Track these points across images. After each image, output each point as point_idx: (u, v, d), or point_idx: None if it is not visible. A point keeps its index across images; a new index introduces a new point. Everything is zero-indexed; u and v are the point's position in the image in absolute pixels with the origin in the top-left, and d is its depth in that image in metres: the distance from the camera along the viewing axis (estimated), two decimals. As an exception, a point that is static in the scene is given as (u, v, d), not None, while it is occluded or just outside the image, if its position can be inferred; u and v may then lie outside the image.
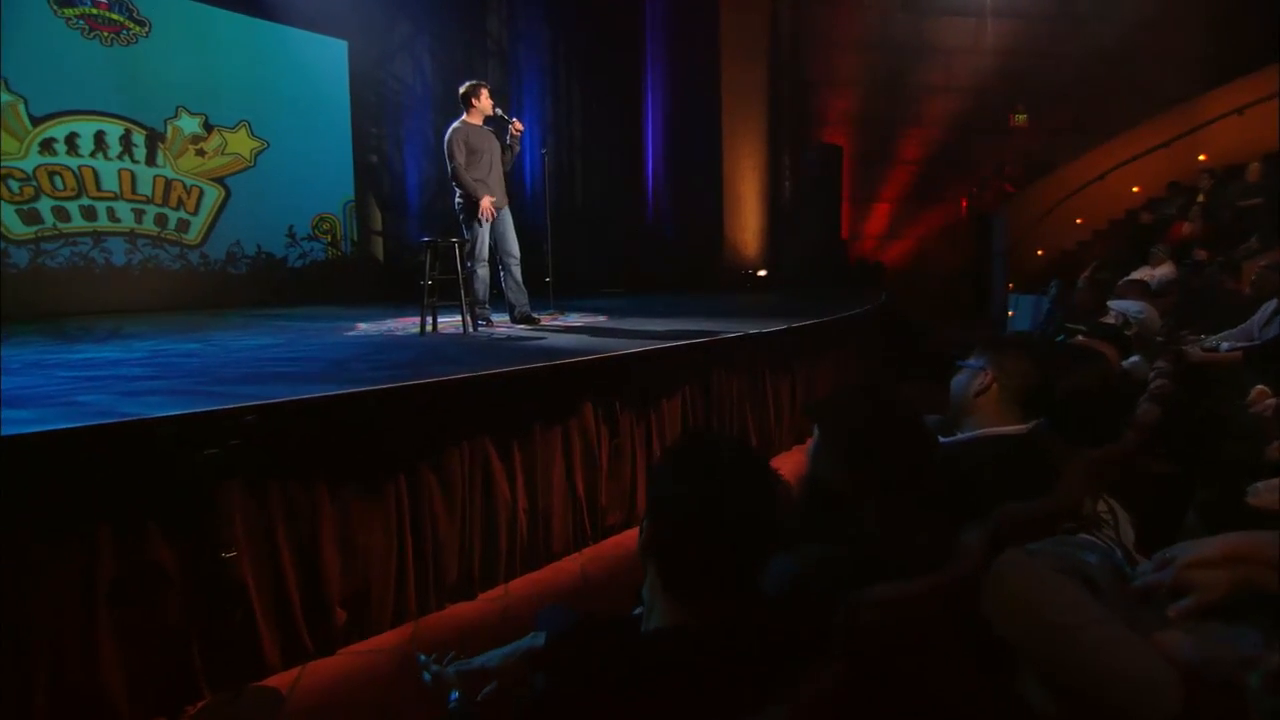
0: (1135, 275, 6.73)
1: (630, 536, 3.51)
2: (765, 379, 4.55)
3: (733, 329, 4.46)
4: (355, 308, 7.95)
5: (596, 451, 3.35)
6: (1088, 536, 1.44)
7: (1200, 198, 7.92)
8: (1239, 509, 1.77)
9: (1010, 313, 8.25)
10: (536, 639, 1.40)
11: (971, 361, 1.78)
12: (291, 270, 9.25)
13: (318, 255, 9.47)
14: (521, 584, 2.99)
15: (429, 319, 4.52)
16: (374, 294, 9.42)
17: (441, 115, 9.60)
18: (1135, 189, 9.25)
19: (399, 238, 9.96)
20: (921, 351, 7.70)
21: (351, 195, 9.66)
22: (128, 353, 3.88)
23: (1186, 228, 7.47)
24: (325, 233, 9.53)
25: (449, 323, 4.82)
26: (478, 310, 4.80)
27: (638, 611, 1.61)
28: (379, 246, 9.98)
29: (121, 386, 2.59)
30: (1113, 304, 3.45)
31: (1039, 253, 9.29)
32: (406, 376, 2.73)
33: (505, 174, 4.90)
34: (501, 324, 5.13)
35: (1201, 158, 8.77)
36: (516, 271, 4.93)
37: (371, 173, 9.79)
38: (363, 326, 5.22)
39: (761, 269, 9.77)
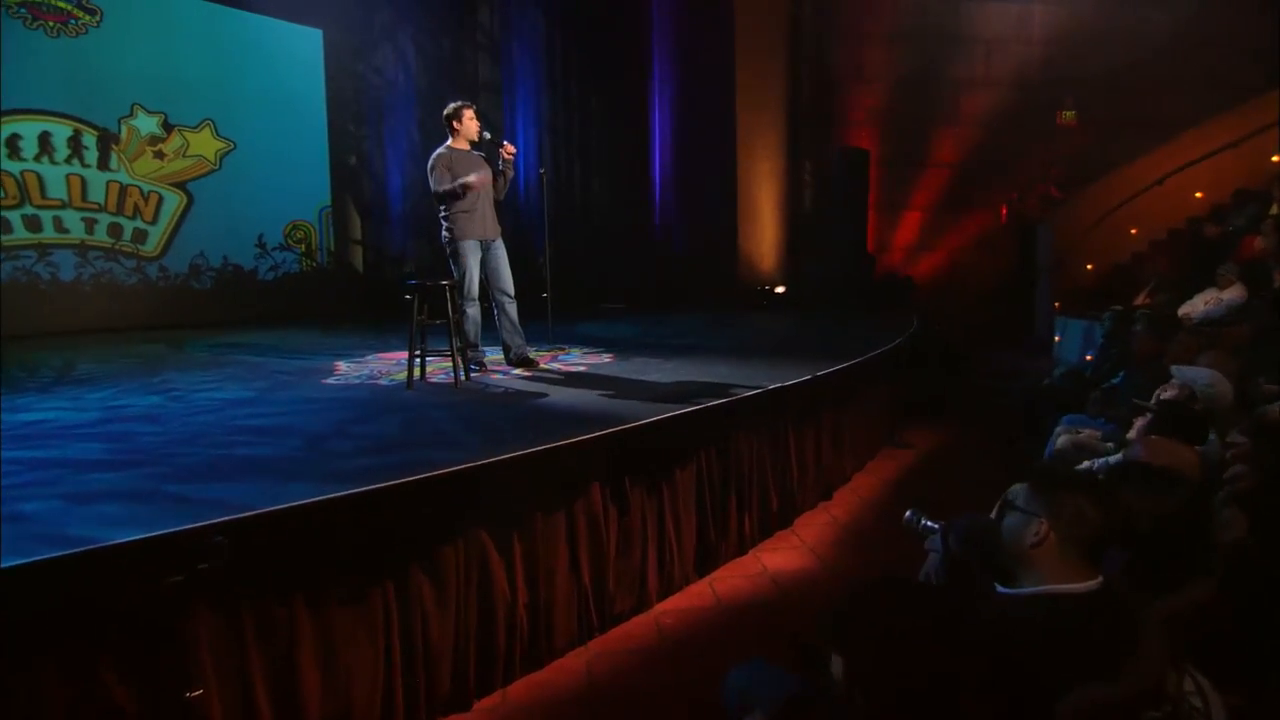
0: (1200, 298, 6.64)
1: (639, 624, 3.46)
2: (788, 433, 4.50)
3: (751, 378, 4.41)
4: (333, 328, 7.91)
5: (604, 534, 3.30)
6: (1176, 736, 1.39)
7: (1274, 208, 7.79)
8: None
9: (1057, 337, 8.19)
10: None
11: (1021, 502, 1.72)
12: (261, 284, 9.22)
13: (291, 267, 9.44)
14: (521, 689, 2.94)
15: (416, 366, 4.47)
16: (353, 310, 9.38)
17: (427, 112, 9.57)
18: (1198, 194, 9.17)
19: (380, 247, 9.92)
20: (959, 382, 7.66)
21: (328, 200, 9.63)
22: (77, 411, 3.83)
23: (1259, 243, 7.32)
24: (299, 242, 9.49)
25: (438, 363, 4.78)
26: (469, 354, 4.75)
27: None
28: (358, 257, 9.94)
29: (70, 481, 2.55)
30: (1177, 371, 3.34)
31: (1088, 267, 9.21)
32: (394, 465, 2.68)
33: (498, 202, 4.86)
34: (495, 364, 5.10)
35: (1276, 159, 8.66)
36: (512, 310, 4.89)
37: (350, 175, 9.74)
38: (343, 368, 5.18)
39: (779, 285, 9.73)
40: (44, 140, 7.68)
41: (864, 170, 10.15)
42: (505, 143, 4.74)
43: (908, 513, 3.29)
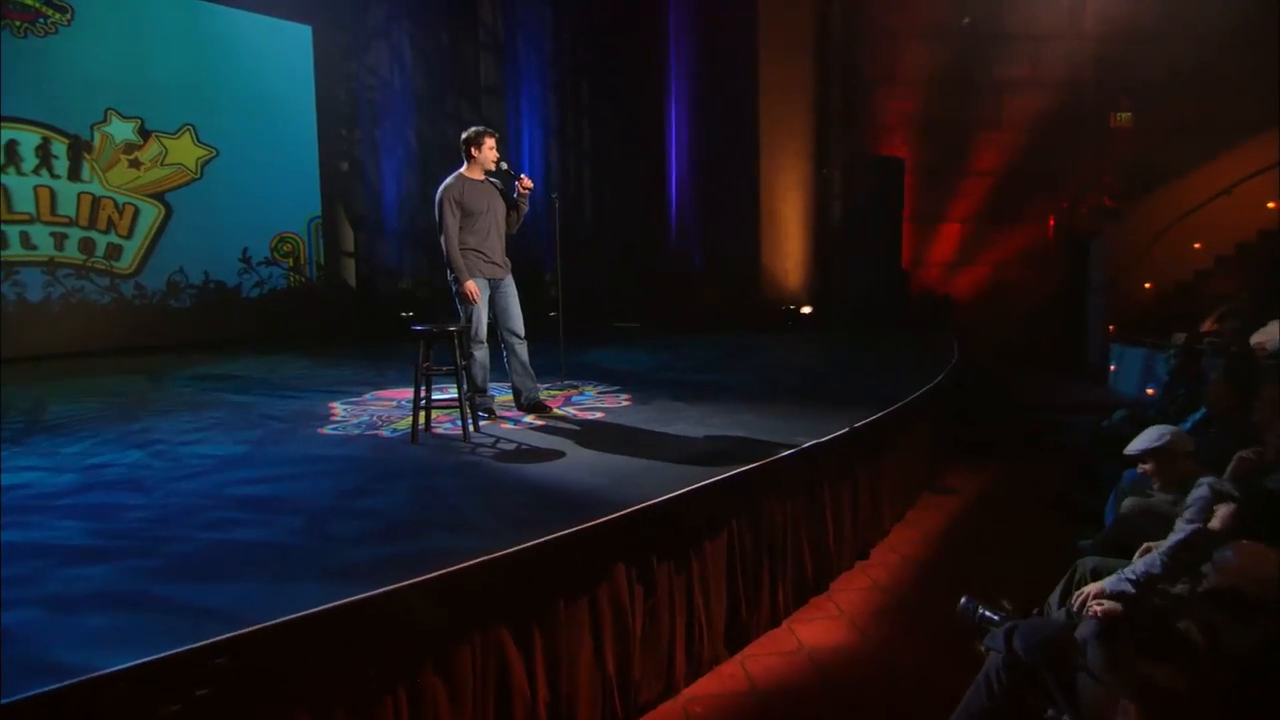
0: (1276, 325, 6.52)
1: (666, 713, 3.43)
2: (824, 492, 4.48)
3: (783, 428, 4.41)
4: (324, 354, 7.93)
5: (629, 618, 3.28)
6: None
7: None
8: None
9: (1112, 367, 8.12)
10: None
11: (1101, 669, 1.68)
12: (246, 302, 9.26)
13: (277, 283, 9.47)
14: (539, 796, 2.92)
15: (421, 415, 4.45)
16: (345, 329, 9.41)
17: (424, 115, 9.61)
18: (1270, 204, 9.07)
19: (374, 261, 9.95)
20: (1004, 415, 7.61)
21: (318, 211, 9.66)
22: (54, 472, 3.82)
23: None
24: (286, 256, 9.53)
25: (443, 410, 4.76)
26: (478, 399, 4.74)
27: None
28: (351, 271, 9.98)
29: (53, 580, 2.51)
30: (1132, 449, 3.31)
31: (1146, 285, 9.14)
32: (406, 557, 2.67)
33: (510, 235, 4.86)
34: (504, 405, 5.10)
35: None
36: (523, 352, 4.88)
37: (341, 184, 9.78)
38: (339, 411, 5.18)
39: (805, 304, 9.73)
40: (10, 149, 7.73)
41: (898, 179, 10.13)
42: (523, 176, 4.73)
43: (963, 600, 3.26)
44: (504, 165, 4.71)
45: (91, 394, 6.02)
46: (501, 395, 5.22)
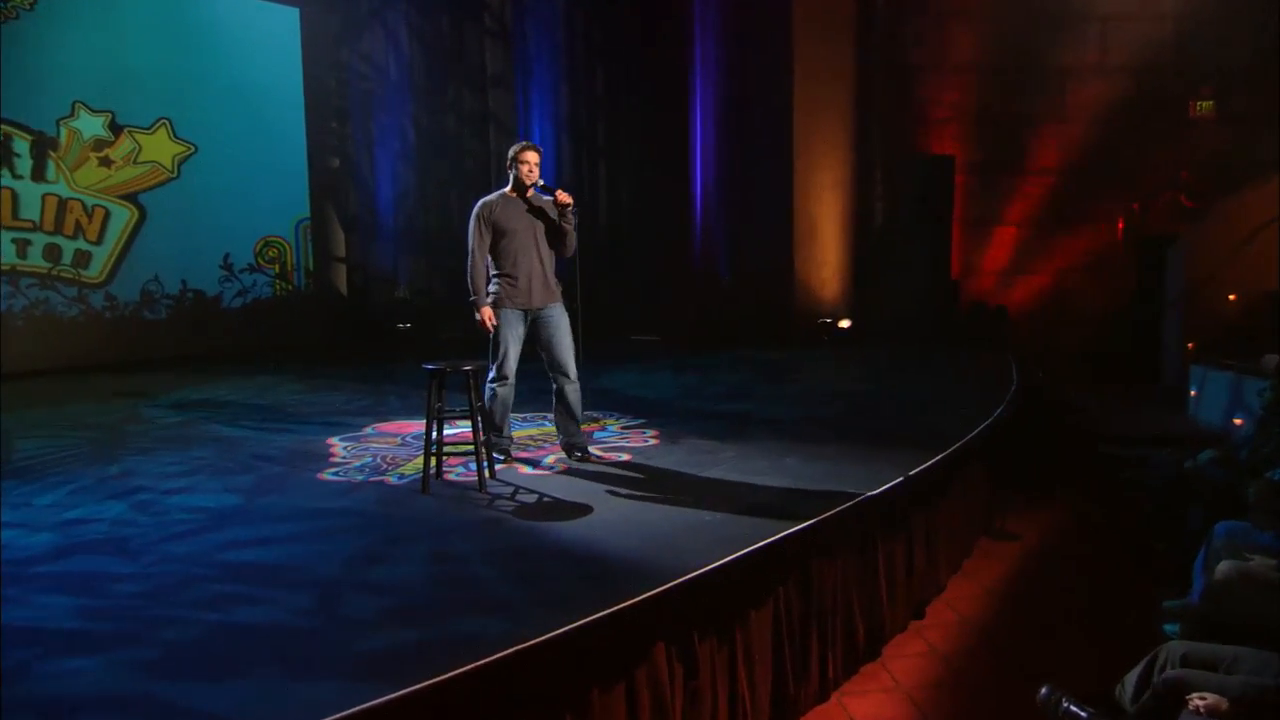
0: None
1: (708, 804, 3.43)
2: (876, 547, 4.48)
3: (830, 474, 4.44)
4: (316, 375, 7.97)
5: (669, 702, 3.27)
6: None
7: None
8: None
9: (1193, 392, 8.05)
10: None
11: None
12: (227, 313, 9.33)
13: (262, 292, 9.53)
14: None
15: (432, 461, 4.47)
16: (336, 341, 9.45)
17: (423, 107, 9.62)
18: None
19: (368, 266, 10.00)
20: (1068, 444, 7.56)
21: (306, 212, 9.72)
22: (28, 530, 3.80)
23: None
24: (272, 262, 9.58)
25: (456, 449, 4.76)
26: (494, 440, 4.74)
27: None
28: (342, 278, 10.03)
29: (42, 677, 2.49)
30: None
31: (1230, 297, 9.05)
32: (429, 644, 2.67)
33: (562, 259, 4.85)
34: (523, 440, 5.15)
35: None
36: (573, 395, 4.77)
37: (332, 182, 9.83)
38: (339, 450, 5.21)
39: (844, 318, 9.73)
40: (-34, 148, 7.80)
41: (947, 178, 10.10)
42: (558, 191, 4.68)
43: (1043, 690, 3.26)
44: (540, 182, 4.70)
45: (61, 424, 6.06)
46: (519, 430, 5.24)
